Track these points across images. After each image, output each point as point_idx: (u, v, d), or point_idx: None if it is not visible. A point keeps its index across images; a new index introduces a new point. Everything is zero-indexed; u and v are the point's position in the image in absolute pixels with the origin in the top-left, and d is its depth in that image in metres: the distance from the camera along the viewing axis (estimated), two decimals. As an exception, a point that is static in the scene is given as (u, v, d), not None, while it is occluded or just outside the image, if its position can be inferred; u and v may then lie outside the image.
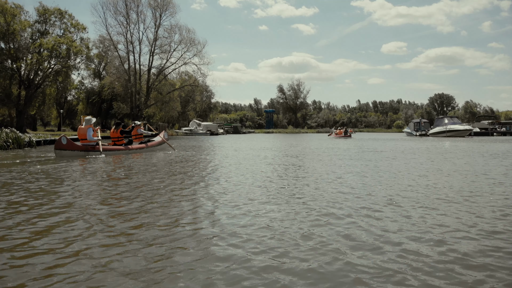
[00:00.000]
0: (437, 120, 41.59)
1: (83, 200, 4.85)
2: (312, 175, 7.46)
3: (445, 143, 22.42)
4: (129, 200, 4.84)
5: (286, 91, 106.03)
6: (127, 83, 45.10)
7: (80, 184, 6.17)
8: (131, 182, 6.50)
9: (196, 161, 10.92)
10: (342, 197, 5.14)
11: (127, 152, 12.76)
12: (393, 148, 16.65)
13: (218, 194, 5.32)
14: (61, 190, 5.54)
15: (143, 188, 5.82)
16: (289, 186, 6.17)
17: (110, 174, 7.57)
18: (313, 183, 6.41)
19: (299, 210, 4.34)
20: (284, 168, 8.88)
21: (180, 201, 4.86)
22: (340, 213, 4.21)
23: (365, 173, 7.84)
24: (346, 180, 6.84)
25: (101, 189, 5.73)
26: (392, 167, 9.08)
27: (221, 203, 4.70)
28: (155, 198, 5.02)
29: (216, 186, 6.15)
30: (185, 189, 5.76)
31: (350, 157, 12.19)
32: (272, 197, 5.15)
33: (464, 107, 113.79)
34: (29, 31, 40.65)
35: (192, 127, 52.45)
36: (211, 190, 5.68)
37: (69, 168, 8.46)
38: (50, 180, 6.59)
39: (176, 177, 7.21)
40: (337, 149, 15.85)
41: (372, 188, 5.90)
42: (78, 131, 11.92)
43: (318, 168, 8.88)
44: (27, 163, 9.53)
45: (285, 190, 5.72)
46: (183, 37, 46.80)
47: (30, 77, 38.78)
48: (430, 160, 10.98)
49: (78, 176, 7.12)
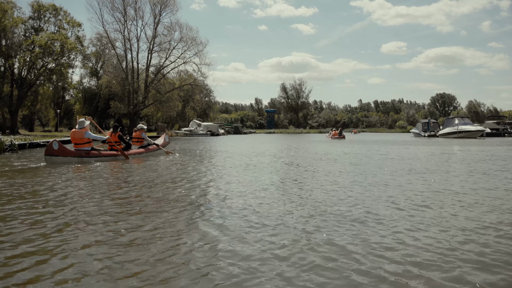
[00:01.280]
0: (447, 121, 39.95)
1: (77, 214, 4.41)
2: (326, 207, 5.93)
3: (469, 147, 20.81)
4: (124, 212, 4.55)
5: (288, 90, 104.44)
6: (124, 81, 43.44)
7: (73, 196, 5.61)
8: (126, 191, 6.04)
9: (191, 172, 9.39)
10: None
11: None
12: (414, 164, 14.93)
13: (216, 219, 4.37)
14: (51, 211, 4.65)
15: (135, 199, 5.44)
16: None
17: (105, 183, 6.98)
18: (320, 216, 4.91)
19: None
20: (299, 199, 7.34)
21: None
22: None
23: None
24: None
25: (97, 201, 5.25)
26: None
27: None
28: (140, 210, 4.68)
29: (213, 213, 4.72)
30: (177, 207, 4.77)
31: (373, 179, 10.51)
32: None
33: (468, 107, 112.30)
34: (22, 28, 39.16)
35: (192, 128, 50.91)
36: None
37: (53, 180, 7.00)
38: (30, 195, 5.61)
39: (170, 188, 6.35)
40: (345, 158, 14.20)
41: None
42: (71, 135, 10.87)
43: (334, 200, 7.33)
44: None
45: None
46: (184, 35, 45.17)
47: (22, 76, 37.19)
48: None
49: (70, 188, 6.36)
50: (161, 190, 6.07)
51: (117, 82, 43.28)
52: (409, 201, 5.22)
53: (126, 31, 43.63)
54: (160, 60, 46.13)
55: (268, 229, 3.75)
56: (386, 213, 4.49)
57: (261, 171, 8.93)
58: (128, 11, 43.36)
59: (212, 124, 54.57)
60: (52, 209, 4.57)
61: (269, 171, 8.81)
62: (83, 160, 10.36)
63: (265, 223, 3.97)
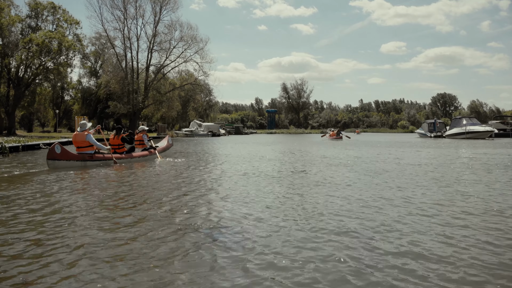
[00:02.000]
0: (454, 121, 38.99)
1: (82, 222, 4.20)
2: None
3: (484, 150, 19.95)
4: (130, 220, 4.32)
5: (289, 90, 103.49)
6: (124, 81, 42.48)
7: (78, 204, 5.23)
8: (132, 197, 5.74)
9: (195, 175, 8.51)
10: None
11: (129, 160, 11.28)
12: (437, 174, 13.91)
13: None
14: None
15: (143, 205, 5.14)
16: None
17: (110, 188, 6.64)
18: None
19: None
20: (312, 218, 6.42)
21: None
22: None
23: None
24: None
25: (103, 207, 5.02)
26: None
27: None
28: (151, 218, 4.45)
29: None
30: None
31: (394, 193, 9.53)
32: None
33: (470, 107, 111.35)
34: (20, 26, 38.22)
35: (193, 128, 49.95)
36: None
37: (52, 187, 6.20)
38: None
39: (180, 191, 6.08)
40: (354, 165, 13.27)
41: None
42: (73, 138, 10.43)
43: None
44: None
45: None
46: (184, 33, 44.24)
47: (19, 75, 36.25)
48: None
49: (74, 195, 5.98)
50: (158, 205, 5.31)
51: (116, 81, 42.30)
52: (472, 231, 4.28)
53: (126, 30, 42.77)
54: (160, 59, 45.26)
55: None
56: (447, 251, 3.30)
57: (267, 182, 7.95)
58: (128, 9, 42.51)
59: (213, 125, 53.62)
60: (57, 222, 4.18)
61: (277, 182, 7.76)
62: (87, 164, 9.94)
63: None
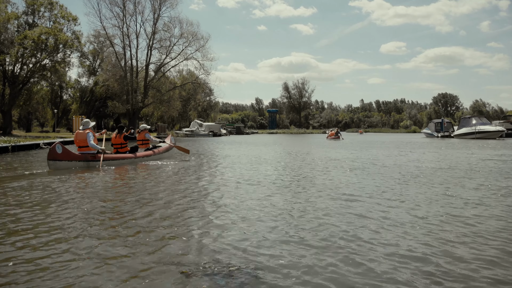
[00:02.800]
0: (463, 120, 37.83)
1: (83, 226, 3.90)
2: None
3: (501, 151, 18.93)
4: (137, 225, 3.97)
5: (290, 90, 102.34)
6: (123, 80, 41.33)
7: (78, 205, 5.01)
8: (139, 201, 5.31)
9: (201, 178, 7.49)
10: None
11: (133, 161, 10.74)
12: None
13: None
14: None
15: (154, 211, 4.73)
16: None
17: (113, 191, 6.26)
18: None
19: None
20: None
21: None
22: None
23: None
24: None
25: (106, 211, 4.69)
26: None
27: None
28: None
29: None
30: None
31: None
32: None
33: (472, 107, 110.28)
34: (16, 23, 37.09)
35: (194, 128, 48.89)
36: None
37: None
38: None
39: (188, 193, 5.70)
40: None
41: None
42: (75, 137, 10.01)
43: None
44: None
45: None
46: (185, 30, 43.09)
47: (15, 73, 35.11)
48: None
49: (75, 196, 5.73)
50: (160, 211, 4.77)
51: (115, 80, 41.13)
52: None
53: (125, 27, 41.69)
54: (160, 57, 44.09)
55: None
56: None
57: (274, 193, 6.93)
58: (127, 6, 41.41)
59: (214, 124, 52.55)
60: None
61: (287, 193, 6.70)
62: (90, 165, 9.52)
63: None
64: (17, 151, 14.67)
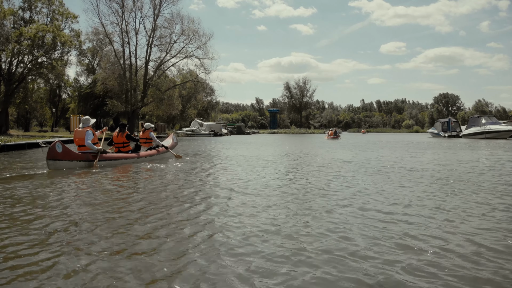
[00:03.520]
0: (472, 120, 36.84)
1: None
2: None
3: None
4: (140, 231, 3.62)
5: (292, 89, 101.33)
6: (122, 78, 40.32)
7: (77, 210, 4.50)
8: (143, 206, 4.78)
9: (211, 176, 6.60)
10: None
11: (135, 160, 10.29)
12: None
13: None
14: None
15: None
16: None
17: (113, 193, 5.71)
18: None
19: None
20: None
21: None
22: None
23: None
24: None
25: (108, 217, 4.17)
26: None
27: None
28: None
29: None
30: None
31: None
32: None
33: (475, 107, 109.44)
34: (12, 19, 36.08)
35: (194, 127, 48.03)
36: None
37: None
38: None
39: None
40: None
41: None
42: (74, 135, 9.48)
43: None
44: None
45: None
46: (186, 27, 42.06)
47: (11, 70, 34.11)
48: None
49: (73, 199, 5.31)
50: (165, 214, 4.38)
51: (114, 78, 40.10)
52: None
53: (124, 24, 40.64)
54: (160, 55, 43.04)
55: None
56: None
57: (282, 202, 5.98)
58: (126, 2, 40.37)
59: (215, 124, 51.66)
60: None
61: (297, 201, 5.78)
62: (91, 164, 9.03)
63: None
64: (9, 151, 13.73)
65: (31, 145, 15.36)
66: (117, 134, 10.58)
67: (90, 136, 9.23)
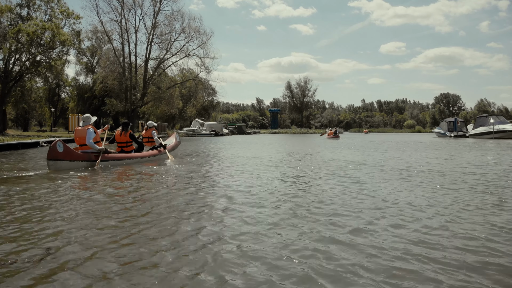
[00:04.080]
0: (479, 119, 36.01)
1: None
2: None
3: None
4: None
5: (293, 89, 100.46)
6: (121, 76, 39.51)
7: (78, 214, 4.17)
8: (148, 208, 4.46)
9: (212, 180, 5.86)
10: None
11: (138, 161, 9.85)
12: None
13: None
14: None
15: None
16: None
17: (115, 196, 5.25)
18: None
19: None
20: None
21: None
22: None
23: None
24: None
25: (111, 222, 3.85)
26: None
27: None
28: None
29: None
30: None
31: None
32: None
33: (477, 106, 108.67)
34: (9, 16, 35.27)
35: (195, 127, 47.22)
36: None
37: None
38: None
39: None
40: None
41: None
42: (75, 134, 8.94)
43: None
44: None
45: None
46: (186, 25, 41.27)
47: (7, 68, 33.31)
48: None
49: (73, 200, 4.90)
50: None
51: (113, 77, 39.28)
52: None
53: (124, 21, 39.87)
54: (160, 53, 42.24)
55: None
56: None
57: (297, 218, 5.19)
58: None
59: (216, 124, 50.87)
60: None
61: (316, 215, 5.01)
62: (93, 165, 8.56)
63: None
64: (3, 151, 12.95)
65: (25, 145, 14.58)
66: (120, 133, 10.12)
67: (92, 134, 8.71)
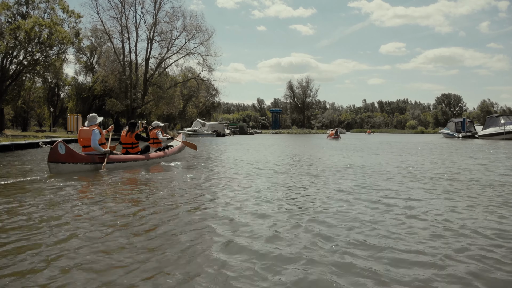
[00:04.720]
0: (490, 120, 35.11)
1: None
2: None
3: None
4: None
5: (295, 89, 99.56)
6: (121, 76, 38.62)
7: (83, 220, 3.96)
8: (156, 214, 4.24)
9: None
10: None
11: (145, 162, 9.38)
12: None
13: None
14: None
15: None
16: None
17: (120, 201, 4.91)
18: None
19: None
20: None
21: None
22: None
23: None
24: None
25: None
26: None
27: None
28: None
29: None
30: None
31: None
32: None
33: (480, 107, 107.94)
34: (7, 14, 34.40)
35: (196, 127, 46.42)
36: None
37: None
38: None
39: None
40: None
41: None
42: (79, 135, 8.46)
43: None
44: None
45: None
46: (188, 23, 40.35)
47: (4, 66, 32.42)
48: None
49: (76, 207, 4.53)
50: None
51: (113, 76, 38.38)
52: None
53: (124, 19, 38.94)
54: (161, 51, 41.31)
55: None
56: None
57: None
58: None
59: (218, 124, 50.07)
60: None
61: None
62: (97, 167, 8.08)
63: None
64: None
65: (19, 146, 13.71)
66: (125, 134, 9.61)
67: (97, 135, 8.19)
